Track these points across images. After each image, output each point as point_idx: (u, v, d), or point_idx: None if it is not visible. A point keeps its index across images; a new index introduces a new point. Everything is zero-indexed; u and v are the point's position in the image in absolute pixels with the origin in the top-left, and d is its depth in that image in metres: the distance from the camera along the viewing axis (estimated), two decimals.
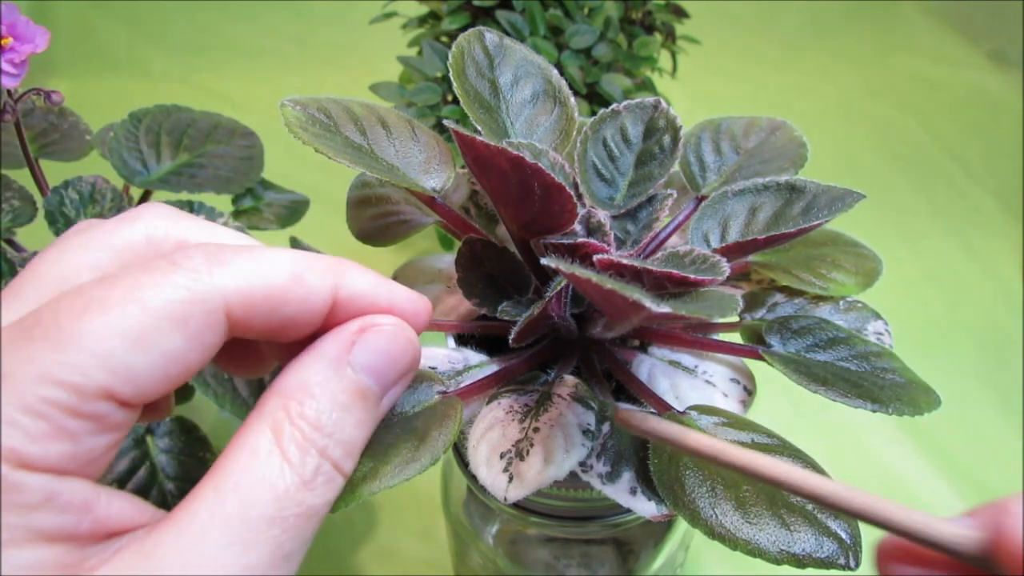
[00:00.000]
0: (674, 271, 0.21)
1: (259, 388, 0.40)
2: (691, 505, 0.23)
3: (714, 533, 0.23)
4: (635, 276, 0.22)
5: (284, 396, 0.19)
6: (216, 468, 0.18)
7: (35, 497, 0.16)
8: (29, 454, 0.16)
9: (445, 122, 0.24)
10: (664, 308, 0.18)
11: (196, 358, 0.18)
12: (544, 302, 0.24)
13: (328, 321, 0.20)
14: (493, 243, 0.28)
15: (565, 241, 0.25)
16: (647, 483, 0.24)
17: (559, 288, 0.24)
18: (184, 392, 0.41)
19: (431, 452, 0.22)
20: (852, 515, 0.17)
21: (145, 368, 0.17)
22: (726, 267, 0.22)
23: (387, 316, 0.21)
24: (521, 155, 0.22)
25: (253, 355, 0.23)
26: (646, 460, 0.24)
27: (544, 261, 0.20)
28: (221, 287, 0.18)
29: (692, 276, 0.21)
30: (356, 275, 0.21)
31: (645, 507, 0.24)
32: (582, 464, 0.25)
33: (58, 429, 0.16)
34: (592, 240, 0.25)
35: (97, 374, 0.16)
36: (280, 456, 0.18)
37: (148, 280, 0.17)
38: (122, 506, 0.18)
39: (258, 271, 0.19)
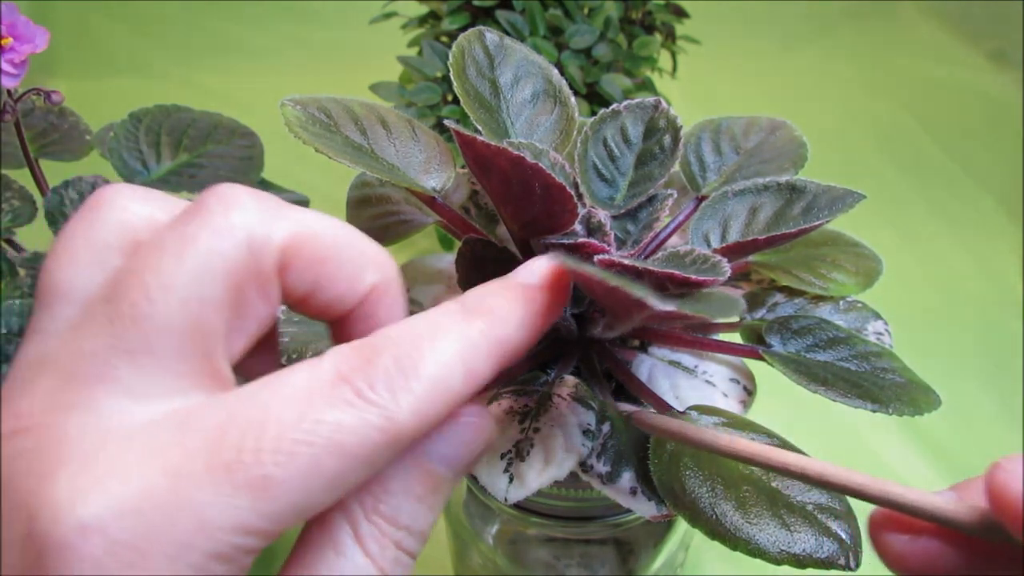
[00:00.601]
0: (675, 271, 0.21)
1: None
2: (691, 505, 0.23)
3: (714, 533, 0.23)
4: (636, 276, 0.22)
5: (361, 490, 0.19)
6: (301, 561, 0.18)
7: None
8: None
9: (446, 122, 0.24)
10: (669, 306, 0.18)
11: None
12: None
13: (364, 304, 0.20)
14: (493, 243, 0.28)
15: (565, 241, 0.25)
16: (647, 483, 0.24)
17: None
18: None
19: None
20: (854, 495, 0.18)
21: (325, 498, 0.17)
22: (727, 267, 0.22)
23: (471, 406, 0.20)
24: (522, 155, 0.22)
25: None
26: (646, 460, 0.24)
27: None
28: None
29: (693, 276, 0.21)
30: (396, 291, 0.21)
31: (645, 507, 0.24)
32: (582, 464, 0.25)
33: (240, 566, 0.16)
34: (592, 240, 0.25)
35: (289, 518, 0.16)
36: (362, 552, 0.18)
37: (342, 419, 0.17)
38: None
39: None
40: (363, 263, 0.20)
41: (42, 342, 0.18)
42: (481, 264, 0.28)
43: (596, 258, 0.23)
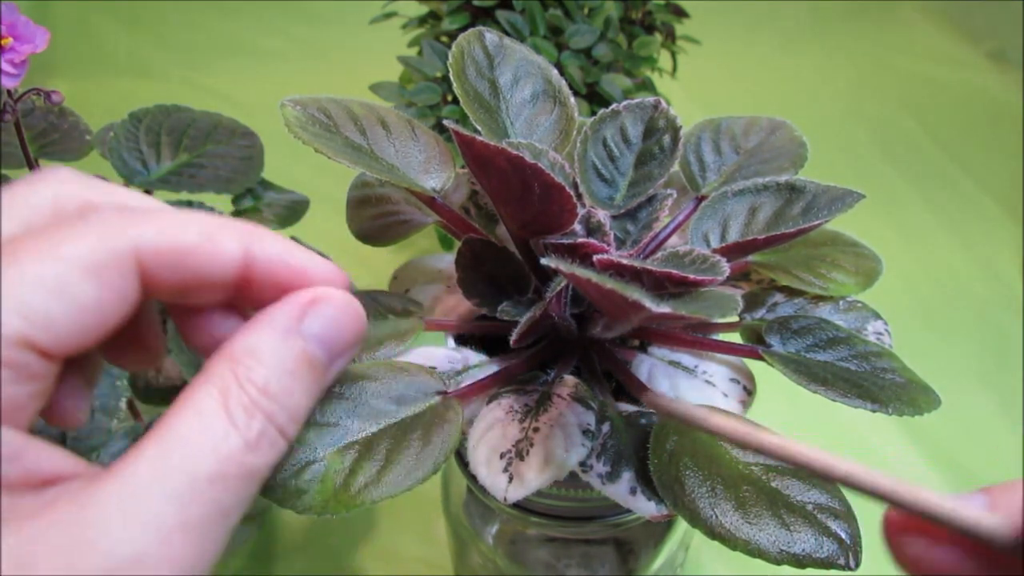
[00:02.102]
0: (674, 271, 0.21)
1: None
2: (691, 505, 0.23)
3: (714, 533, 0.23)
4: (635, 276, 0.22)
5: (232, 360, 0.19)
6: (160, 426, 0.18)
7: None
8: None
9: (445, 122, 0.24)
10: (664, 308, 0.18)
11: (113, 309, 0.19)
12: (545, 303, 0.24)
13: (242, 287, 0.21)
14: (493, 243, 0.28)
15: (565, 241, 0.25)
16: (647, 483, 0.24)
17: (559, 288, 0.24)
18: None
19: (433, 461, 0.22)
20: (882, 500, 0.17)
21: (63, 317, 0.17)
22: (726, 267, 0.22)
23: (337, 290, 0.21)
24: (521, 155, 0.22)
25: (141, 343, 0.23)
26: (646, 460, 0.24)
27: (544, 261, 0.20)
28: (133, 238, 0.19)
29: (692, 276, 0.21)
30: (269, 241, 0.21)
31: (645, 507, 0.24)
32: (582, 464, 0.25)
33: None
34: (592, 240, 0.25)
35: (15, 321, 0.17)
36: (226, 418, 0.18)
37: (62, 235, 0.18)
38: (55, 458, 0.18)
39: (169, 226, 0.19)
40: (219, 254, 0.20)
41: None
42: (481, 264, 0.28)
43: (595, 258, 0.23)
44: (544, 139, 0.29)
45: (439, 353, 0.28)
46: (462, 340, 0.30)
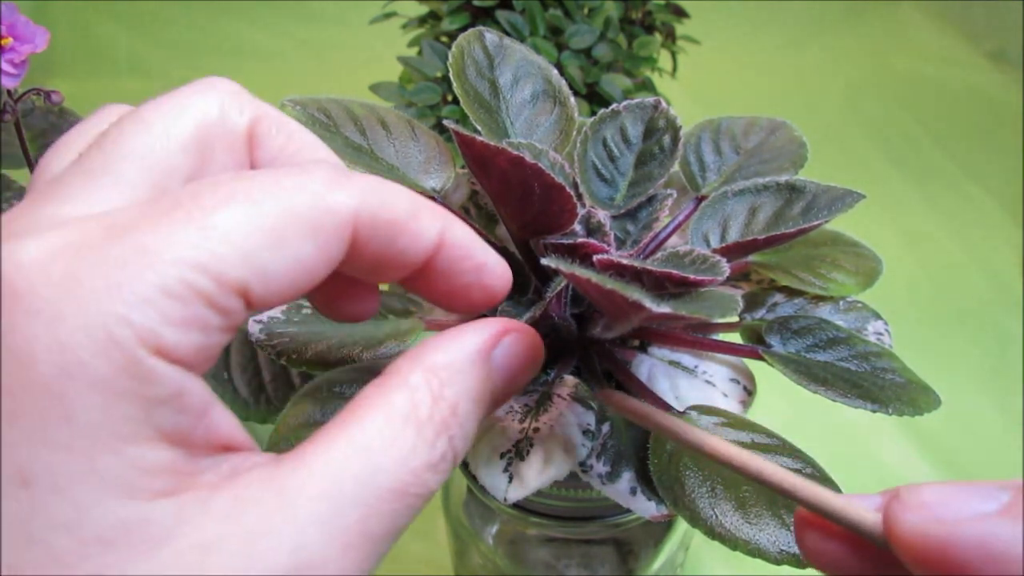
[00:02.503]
0: (674, 271, 0.21)
1: (258, 389, 0.40)
2: (691, 505, 0.23)
3: (714, 533, 0.23)
4: (635, 276, 0.22)
5: (429, 371, 0.18)
6: (349, 422, 0.17)
7: (163, 391, 0.15)
8: (167, 340, 0.15)
9: (445, 122, 0.24)
10: (664, 308, 0.18)
11: (321, 269, 0.17)
12: (545, 303, 0.24)
13: (428, 267, 0.20)
14: (493, 242, 0.28)
15: (565, 241, 0.25)
16: (647, 483, 0.24)
17: (559, 288, 0.24)
18: None
19: None
20: (786, 496, 0.18)
21: (279, 269, 0.16)
22: (726, 267, 0.22)
23: (525, 326, 0.21)
24: (521, 155, 0.22)
25: (352, 295, 0.22)
26: (646, 460, 0.24)
27: (544, 261, 0.20)
28: (353, 203, 0.17)
29: (692, 276, 0.21)
30: (460, 226, 0.20)
31: (645, 507, 0.24)
32: (582, 464, 0.25)
33: (196, 317, 0.15)
34: (592, 240, 0.25)
35: (238, 265, 0.15)
36: (416, 431, 0.17)
37: (288, 182, 0.17)
38: (229, 420, 0.17)
39: (384, 195, 0.18)
40: (421, 233, 0.19)
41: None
42: None
43: (595, 258, 0.23)
44: (544, 139, 0.29)
45: None
46: None
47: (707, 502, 0.23)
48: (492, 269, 0.21)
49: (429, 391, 0.18)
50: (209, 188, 0.16)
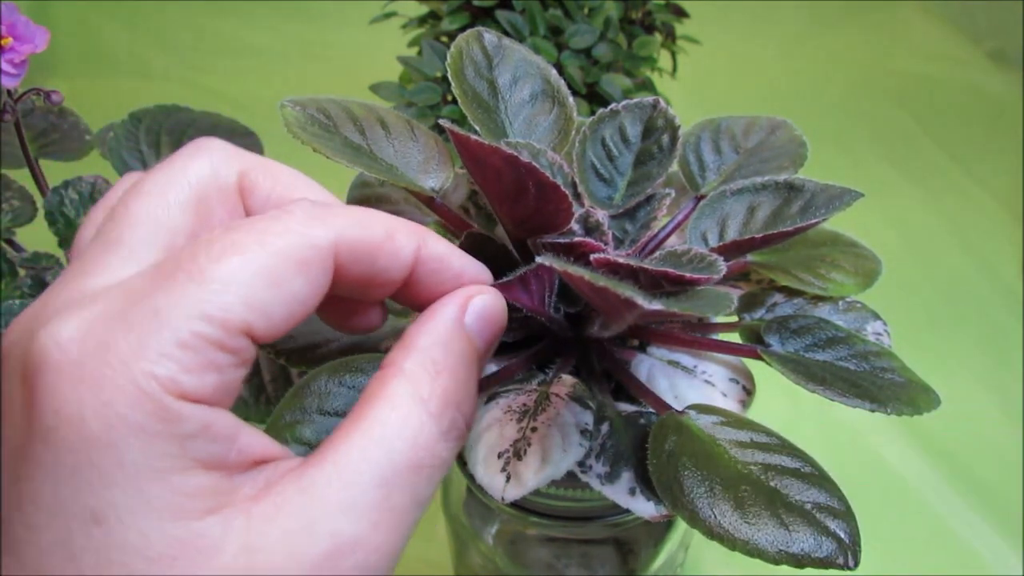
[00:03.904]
0: (670, 269, 0.21)
1: (258, 389, 0.40)
2: (689, 505, 0.23)
3: (712, 533, 0.22)
4: (631, 275, 0.22)
5: (420, 352, 0.21)
6: (360, 415, 0.19)
7: (192, 427, 0.17)
8: (187, 385, 0.17)
9: (441, 122, 0.24)
10: (656, 305, 0.18)
11: (312, 299, 0.20)
12: (510, 279, 0.24)
13: (409, 281, 0.22)
14: (492, 239, 0.28)
15: (562, 240, 0.25)
16: (646, 483, 0.24)
17: (520, 274, 0.24)
18: None
19: None
20: None
21: (277, 306, 0.18)
22: (723, 266, 0.22)
23: (486, 286, 0.23)
24: (515, 153, 0.22)
25: (359, 310, 0.24)
26: (645, 460, 0.24)
27: (539, 259, 0.20)
28: (332, 234, 0.20)
29: (688, 275, 0.21)
30: (434, 240, 0.22)
31: (644, 507, 0.24)
32: (581, 464, 0.25)
33: (209, 362, 0.17)
34: (589, 239, 0.25)
35: (240, 311, 0.18)
36: (422, 409, 0.20)
37: (273, 227, 0.19)
38: (259, 438, 0.19)
39: (359, 223, 0.20)
40: (399, 252, 0.21)
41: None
42: (480, 257, 0.28)
43: (592, 257, 0.23)
44: (543, 139, 0.29)
45: None
46: None
47: (705, 502, 0.23)
48: (473, 276, 0.23)
49: (424, 370, 0.20)
50: (204, 247, 0.18)
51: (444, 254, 0.22)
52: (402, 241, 0.21)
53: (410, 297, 0.23)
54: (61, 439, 0.17)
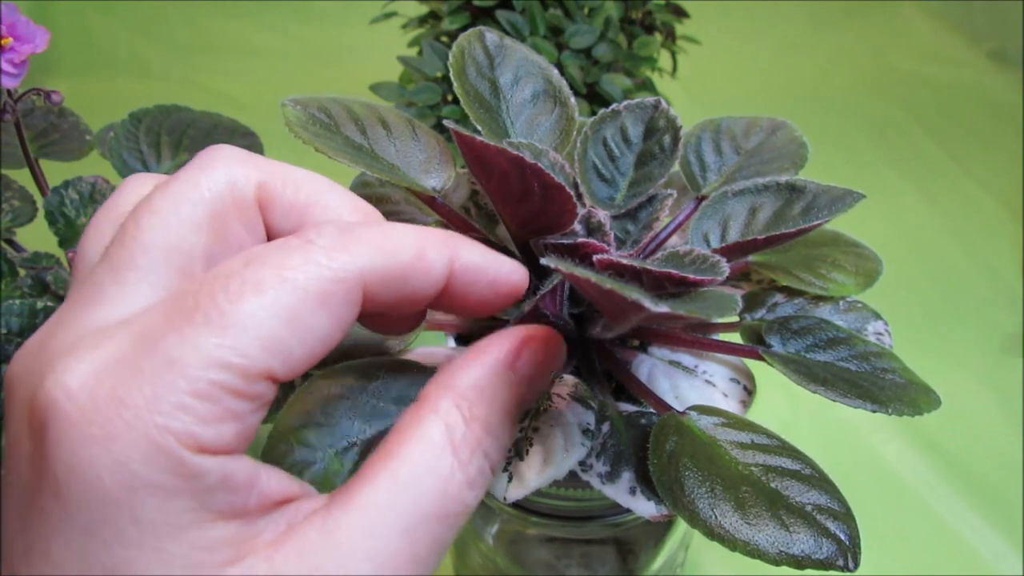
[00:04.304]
0: (673, 271, 0.21)
1: None
2: (690, 506, 0.23)
3: (713, 534, 0.22)
4: (634, 276, 0.22)
5: (457, 395, 0.20)
6: (389, 455, 0.19)
7: (212, 480, 0.17)
8: (204, 438, 0.16)
9: (445, 122, 0.24)
10: (663, 308, 0.18)
11: (336, 335, 0.19)
12: (535, 300, 0.24)
13: (445, 292, 0.21)
14: (492, 241, 0.28)
15: (564, 241, 0.25)
16: (647, 483, 0.24)
17: (552, 286, 0.24)
18: None
19: None
20: None
21: (298, 346, 0.18)
22: (725, 267, 0.22)
23: (545, 328, 0.22)
24: (521, 155, 0.22)
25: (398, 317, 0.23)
26: (646, 460, 0.24)
27: (543, 261, 0.20)
28: (358, 266, 0.18)
29: (691, 276, 0.21)
30: (467, 248, 0.21)
31: (645, 507, 0.24)
32: (582, 464, 0.25)
33: (227, 411, 0.17)
34: (592, 240, 0.25)
35: (259, 355, 0.17)
36: (452, 455, 0.19)
37: (294, 261, 0.18)
38: (278, 478, 0.18)
39: (387, 247, 0.19)
40: (431, 271, 0.20)
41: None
42: None
43: (595, 258, 0.23)
44: (544, 139, 0.29)
45: (439, 353, 0.28)
46: (462, 340, 0.30)
47: (706, 502, 0.23)
48: (507, 278, 0.22)
49: (460, 414, 0.19)
50: (222, 284, 0.17)
51: (478, 263, 0.21)
52: (433, 258, 0.20)
53: (443, 305, 0.22)
54: (73, 496, 0.16)
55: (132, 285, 0.19)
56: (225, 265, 0.18)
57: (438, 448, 0.19)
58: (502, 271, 0.22)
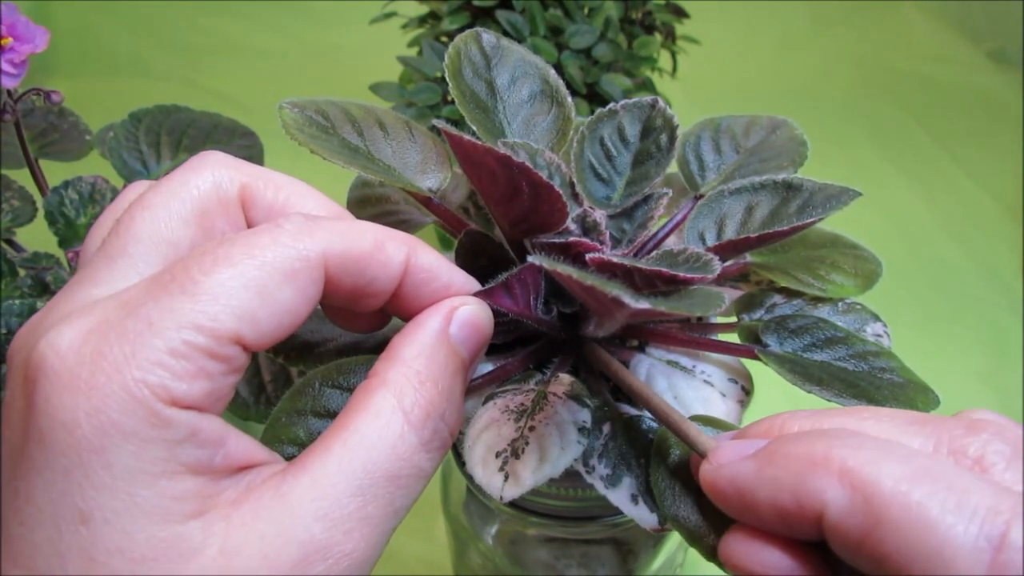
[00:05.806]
0: (663, 269, 0.21)
1: (258, 388, 0.40)
2: (689, 524, 0.23)
3: (713, 554, 0.22)
4: (626, 274, 0.22)
5: (404, 363, 0.21)
6: (342, 425, 0.20)
7: (181, 432, 0.18)
8: (177, 392, 0.18)
9: (435, 122, 0.24)
10: (643, 304, 0.18)
11: (302, 309, 0.20)
12: (494, 285, 0.24)
13: (399, 291, 0.22)
14: (491, 237, 0.28)
15: (557, 240, 0.25)
16: (649, 493, 0.24)
17: (505, 279, 0.24)
18: None
19: None
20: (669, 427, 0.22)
21: (265, 316, 0.19)
22: (717, 265, 0.22)
23: (470, 297, 0.23)
24: (508, 154, 0.22)
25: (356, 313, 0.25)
26: (647, 468, 0.24)
27: (530, 259, 0.20)
28: (321, 248, 0.20)
29: (681, 274, 0.21)
30: (424, 251, 0.23)
31: (647, 519, 0.24)
32: (586, 465, 0.25)
33: (199, 369, 0.18)
34: (584, 239, 0.25)
35: (229, 321, 0.18)
36: (403, 419, 0.20)
37: (262, 241, 0.20)
38: (246, 443, 0.20)
39: (349, 235, 0.21)
40: (388, 263, 0.22)
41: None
42: (478, 255, 0.28)
43: (587, 257, 0.23)
44: (541, 139, 0.29)
45: None
46: None
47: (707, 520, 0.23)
48: (460, 287, 0.23)
49: (408, 381, 0.21)
50: (196, 260, 0.19)
51: (433, 265, 0.23)
52: (391, 251, 0.22)
53: (401, 307, 0.23)
54: (55, 441, 0.17)
55: (123, 270, 0.21)
56: (201, 246, 0.20)
57: (388, 413, 0.20)
58: (455, 279, 0.23)
